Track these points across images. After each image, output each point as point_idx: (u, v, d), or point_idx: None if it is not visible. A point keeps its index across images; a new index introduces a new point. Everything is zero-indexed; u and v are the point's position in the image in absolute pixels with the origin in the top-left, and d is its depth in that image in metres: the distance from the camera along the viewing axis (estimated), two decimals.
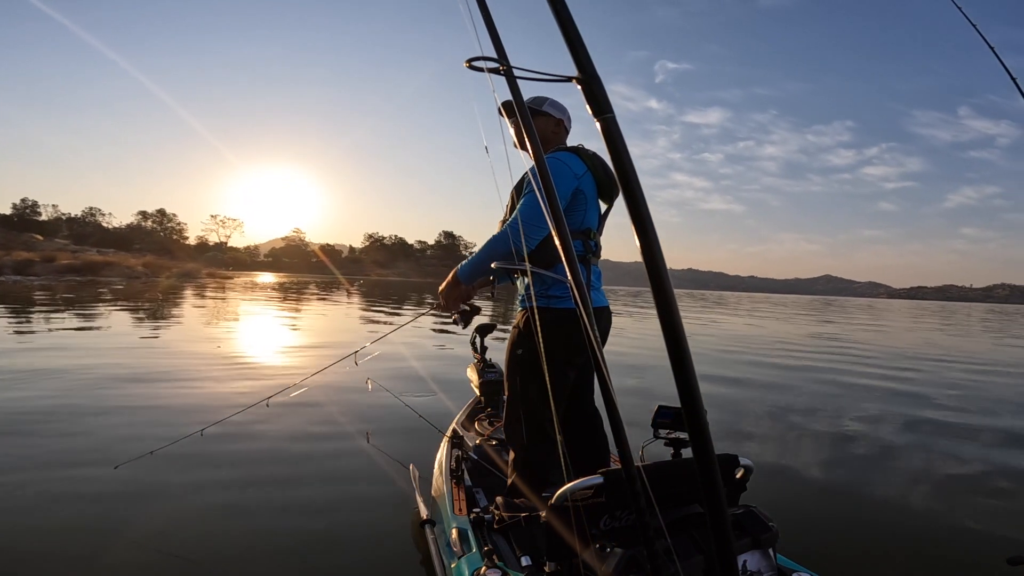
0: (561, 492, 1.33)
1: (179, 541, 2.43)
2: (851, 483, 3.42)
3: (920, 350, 11.35)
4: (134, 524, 2.57)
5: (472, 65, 0.99)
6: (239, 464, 3.37)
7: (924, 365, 8.99)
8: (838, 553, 2.51)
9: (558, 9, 0.87)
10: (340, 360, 2.85)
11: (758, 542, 1.42)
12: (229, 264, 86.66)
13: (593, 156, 2.06)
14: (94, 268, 33.19)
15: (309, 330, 11.93)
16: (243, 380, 5.98)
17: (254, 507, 2.81)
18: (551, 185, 1.03)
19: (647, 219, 0.81)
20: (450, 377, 6.19)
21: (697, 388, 0.78)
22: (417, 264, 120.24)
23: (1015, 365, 10.15)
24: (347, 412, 4.61)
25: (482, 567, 1.50)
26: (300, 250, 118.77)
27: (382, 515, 2.73)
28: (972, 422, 5.02)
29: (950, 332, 18.49)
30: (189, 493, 2.92)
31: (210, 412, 4.19)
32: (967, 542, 2.67)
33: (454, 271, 2.05)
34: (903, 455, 3.98)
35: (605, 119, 0.82)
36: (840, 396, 6.13)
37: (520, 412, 1.98)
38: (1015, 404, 6.10)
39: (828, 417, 5.09)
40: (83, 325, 10.54)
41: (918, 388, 6.79)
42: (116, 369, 6.26)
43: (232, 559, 2.31)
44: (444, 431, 2.83)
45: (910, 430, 4.68)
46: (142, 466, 3.07)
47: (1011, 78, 1.91)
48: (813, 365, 8.48)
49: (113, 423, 4.17)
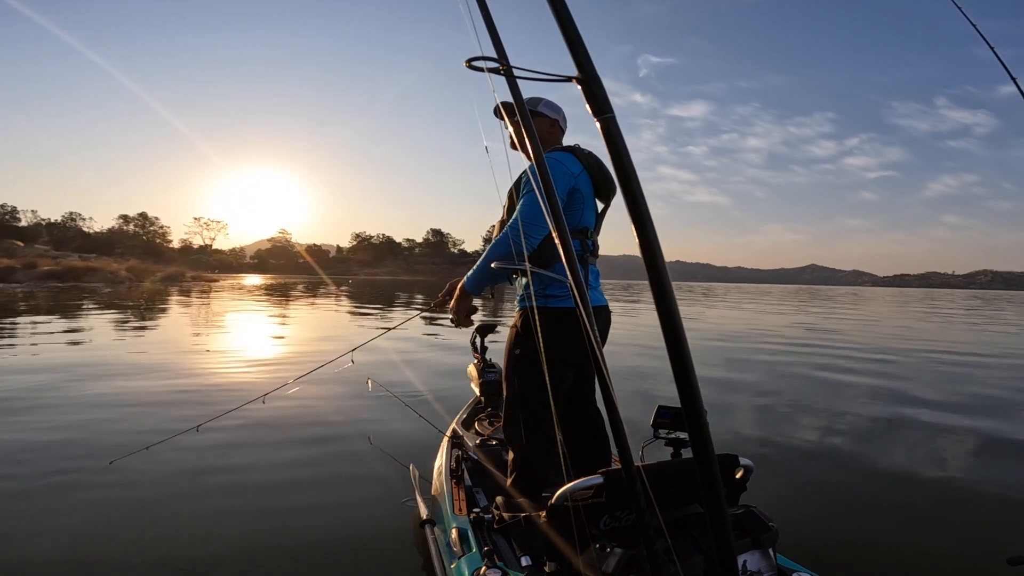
0: (561, 492, 1.33)
1: (176, 540, 2.43)
2: (851, 483, 3.41)
3: (918, 342, 11.36)
4: (130, 522, 2.57)
5: (472, 65, 0.99)
6: (236, 461, 3.38)
7: (921, 360, 9.00)
8: (838, 553, 2.51)
9: (558, 9, 0.87)
10: (338, 358, 2.84)
11: (758, 542, 1.42)
12: (214, 267, 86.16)
13: (589, 155, 2.07)
14: (76, 274, 32.73)
15: (301, 330, 11.91)
16: (237, 378, 5.99)
17: (252, 505, 2.80)
18: (551, 185, 1.03)
19: (647, 218, 0.81)
20: (450, 376, 6.19)
21: (697, 388, 0.78)
22: (405, 262, 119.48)
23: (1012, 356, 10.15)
24: (347, 412, 4.61)
25: (482, 567, 1.51)
26: (286, 251, 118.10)
27: (382, 515, 2.73)
28: (972, 421, 5.02)
29: (939, 321, 18.46)
30: (185, 491, 2.92)
31: (203, 409, 4.18)
32: (967, 542, 2.67)
33: (461, 284, 2.05)
34: (903, 454, 3.98)
35: (605, 119, 0.82)
36: (839, 396, 6.13)
37: (519, 412, 1.99)
38: (1015, 403, 6.10)
39: (827, 417, 5.09)
40: (72, 327, 10.55)
41: (916, 386, 6.79)
42: (110, 367, 6.26)
43: (232, 558, 2.31)
44: (444, 431, 2.82)
45: (910, 429, 4.68)
46: (137, 461, 3.06)
47: (1011, 78, 1.91)
48: (809, 360, 8.48)
49: (107, 418, 4.17)
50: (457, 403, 3.65)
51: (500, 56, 1.04)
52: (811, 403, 5.68)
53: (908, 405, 5.69)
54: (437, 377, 6.27)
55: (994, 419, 5.15)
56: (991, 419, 5.14)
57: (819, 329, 14.62)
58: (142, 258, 54.55)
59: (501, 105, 1.07)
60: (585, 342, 0.94)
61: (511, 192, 2.06)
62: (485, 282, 2.01)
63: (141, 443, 3.13)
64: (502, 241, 1.90)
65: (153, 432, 3.51)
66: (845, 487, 3.35)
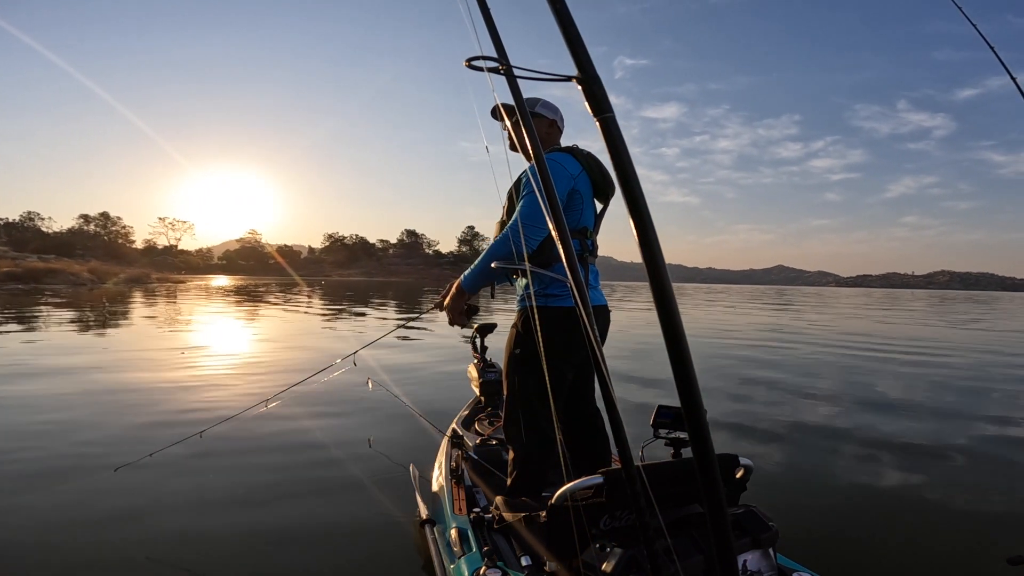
0: (561, 492, 1.33)
1: (176, 540, 2.43)
2: (851, 483, 3.41)
3: (908, 340, 11.36)
4: (134, 527, 2.57)
5: (472, 65, 0.98)
6: (239, 464, 3.37)
7: (918, 358, 9.00)
8: (838, 553, 2.50)
9: (558, 9, 0.87)
10: (341, 360, 2.85)
11: (758, 542, 1.42)
12: (180, 268, 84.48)
13: (588, 156, 2.07)
14: (36, 276, 31.42)
15: (283, 333, 11.85)
16: (235, 384, 5.97)
17: (254, 507, 2.81)
18: (551, 186, 1.03)
19: (647, 218, 0.81)
20: (449, 376, 6.19)
21: (697, 388, 0.78)
22: (379, 263, 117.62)
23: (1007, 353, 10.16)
24: (347, 412, 4.61)
25: (482, 567, 1.50)
26: (256, 252, 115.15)
27: (382, 515, 2.73)
28: (972, 420, 5.02)
29: (913, 321, 18.52)
30: (188, 494, 2.92)
31: (204, 415, 4.19)
32: (967, 542, 2.67)
33: (457, 282, 2.05)
34: (903, 454, 3.97)
35: (604, 119, 0.82)
36: (839, 393, 6.13)
37: (519, 412, 1.99)
38: (1016, 402, 6.10)
39: (828, 416, 5.09)
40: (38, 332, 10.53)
41: (915, 385, 6.79)
42: (106, 374, 6.26)
43: (231, 557, 2.31)
44: (444, 431, 2.83)
45: (910, 428, 4.68)
46: (141, 469, 3.07)
47: (1011, 78, 1.91)
48: (800, 359, 8.49)
49: (110, 425, 4.17)
50: (456, 403, 3.65)
51: (500, 56, 1.04)
52: (815, 403, 5.68)
53: (910, 405, 5.69)
54: (436, 376, 6.27)
55: (995, 416, 5.15)
56: (991, 417, 5.14)
57: (787, 330, 14.63)
58: (103, 259, 52.38)
59: (500, 106, 1.06)
60: (585, 341, 0.94)
61: (511, 192, 2.06)
62: (483, 282, 2.01)
63: (144, 451, 3.12)
64: (502, 241, 1.90)
65: (155, 441, 3.50)
66: (845, 487, 3.35)
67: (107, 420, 4.23)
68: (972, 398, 6.13)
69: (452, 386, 5.62)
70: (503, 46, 1.08)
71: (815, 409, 5.34)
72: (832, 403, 5.66)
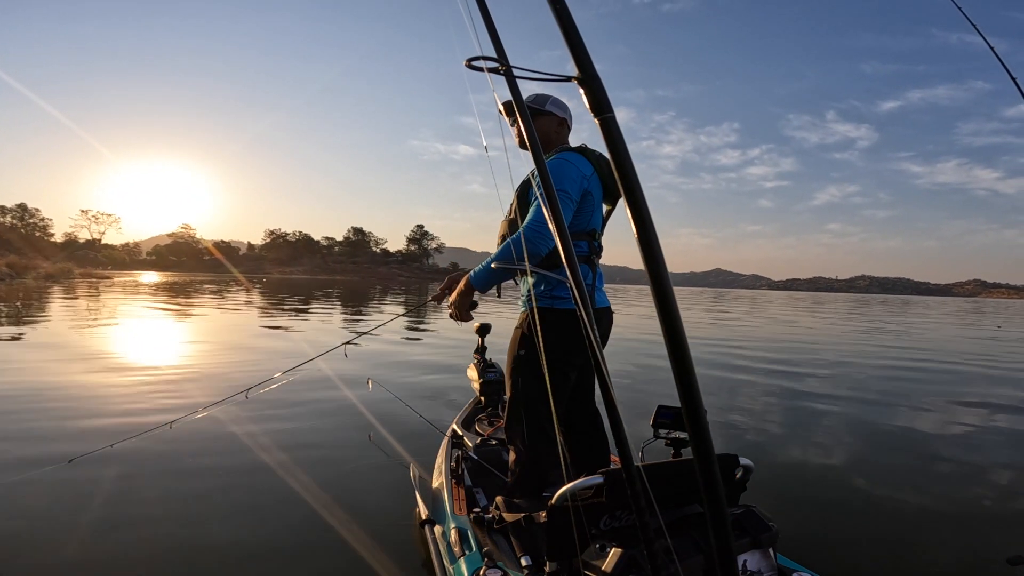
0: (561, 492, 1.33)
1: (172, 540, 2.43)
2: (851, 483, 3.41)
3: (899, 345, 11.37)
4: (124, 523, 2.57)
5: (472, 65, 0.98)
6: (228, 461, 3.36)
7: (915, 360, 9.00)
8: (838, 553, 2.50)
9: (558, 9, 0.86)
10: (328, 352, 2.83)
11: (758, 542, 1.42)
12: (106, 263, 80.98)
13: (599, 157, 2.06)
14: None
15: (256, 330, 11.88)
16: (205, 378, 5.86)
17: (251, 504, 2.80)
18: (551, 186, 1.03)
19: (647, 219, 0.80)
20: (449, 376, 6.19)
21: (697, 388, 0.78)
22: (324, 261, 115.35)
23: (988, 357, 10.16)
24: (346, 411, 4.61)
25: (482, 567, 1.51)
26: (190, 247, 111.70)
27: (382, 515, 2.73)
28: (972, 419, 5.02)
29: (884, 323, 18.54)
30: (171, 490, 2.91)
31: (168, 407, 4.16)
32: (967, 542, 2.67)
33: (466, 279, 2.02)
34: (903, 454, 3.97)
35: (605, 119, 0.82)
36: (839, 392, 6.13)
37: (521, 412, 1.99)
38: (1016, 402, 6.10)
39: (828, 415, 5.09)
40: None
41: (913, 384, 6.79)
42: (76, 364, 6.26)
43: (231, 556, 2.31)
44: (444, 431, 2.83)
45: (910, 428, 4.68)
46: (98, 460, 3.04)
47: (1011, 78, 1.90)
48: (790, 358, 8.49)
49: (73, 413, 4.13)
50: (456, 403, 3.65)
51: (500, 56, 1.04)
52: (814, 403, 5.68)
53: (909, 405, 5.68)
54: (435, 376, 6.27)
55: (995, 416, 5.15)
56: (991, 416, 5.14)
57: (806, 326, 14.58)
58: (19, 253, 47.98)
59: (509, 103, 1.06)
60: (587, 343, 0.94)
61: (519, 190, 2.05)
62: (494, 281, 1.99)
63: (104, 442, 3.06)
64: (517, 242, 1.89)
65: (119, 432, 3.48)
66: (845, 487, 3.35)
67: (77, 406, 4.22)
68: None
69: (452, 386, 5.62)
70: (503, 46, 1.08)
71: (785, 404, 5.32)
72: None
